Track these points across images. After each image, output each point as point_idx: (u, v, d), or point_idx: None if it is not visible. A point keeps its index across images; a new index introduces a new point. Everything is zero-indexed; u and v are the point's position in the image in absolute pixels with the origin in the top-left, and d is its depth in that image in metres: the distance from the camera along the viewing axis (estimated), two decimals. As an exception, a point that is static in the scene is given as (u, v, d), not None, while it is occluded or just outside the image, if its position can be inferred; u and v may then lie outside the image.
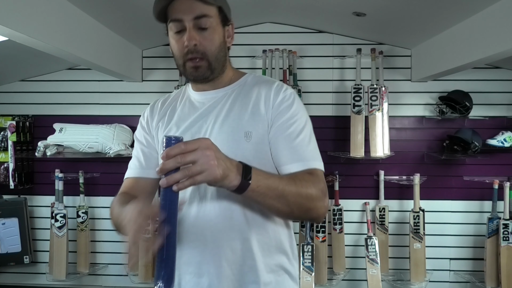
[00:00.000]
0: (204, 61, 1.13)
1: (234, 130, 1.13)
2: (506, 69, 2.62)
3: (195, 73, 1.13)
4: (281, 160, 1.12)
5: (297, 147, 1.11)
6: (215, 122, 1.16)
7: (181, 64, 1.15)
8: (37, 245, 2.75)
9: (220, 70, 1.18)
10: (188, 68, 1.14)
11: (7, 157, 2.63)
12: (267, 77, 1.31)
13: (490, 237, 2.44)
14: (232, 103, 1.18)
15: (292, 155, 1.10)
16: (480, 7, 1.88)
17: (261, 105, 1.15)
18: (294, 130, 1.12)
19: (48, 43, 1.68)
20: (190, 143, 0.86)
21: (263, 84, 1.20)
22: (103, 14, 2.07)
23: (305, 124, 1.15)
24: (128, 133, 2.61)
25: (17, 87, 2.78)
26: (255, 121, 1.13)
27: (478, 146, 2.44)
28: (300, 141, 1.12)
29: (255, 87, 1.20)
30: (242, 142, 1.12)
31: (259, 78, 1.26)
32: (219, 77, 1.19)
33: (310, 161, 1.11)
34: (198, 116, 1.20)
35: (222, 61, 1.18)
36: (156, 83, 2.74)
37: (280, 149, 1.11)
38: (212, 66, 1.14)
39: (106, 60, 2.24)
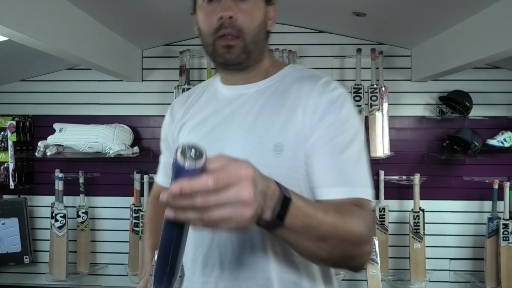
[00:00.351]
0: (240, 41, 0.91)
1: (262, 141, 0.90)
2: (506, 69, 2.62)
3: (227, 54, 0.92)
4: (318, 181, 0.87)
5: (341, 165, 0.86)
6: (239, 128, 0.93)
7: (210, 43, 0.93)
8: (37, 245, 2.75)
9: (257, 57, 0.96)
10: (218, 47, 0.92)
11: (7, 157, 2.63)
12: (313, 70, 1.01)
13: (490, 237, 2.44)
14: (264, 104, 0.95)
15: (334, 176, 0.85)
16: (480, 7, 1.88)
17: (299, 108, 0.90)
18: (340, 142, 0.87)
19: (48, 43, 1.68)
20: (221, 176, 0.57)
21: (306, 80, 0.95)
22: (103, 14, 2.07)
23: (355, 136, 0.89)
24: (128, 133, 2.61)
25: (17, 87, 2.78)
26: (289, 129, 0.89)
27: (478, 146, 2.44)
28: (347, 158, 0.86)
29: (295, 83, 0.95)
30: (270, 157, 0.88)
31: (303, 71, 1.00)
32: (253, 68, 0.97)
33: (358, 187, 0.85)
34: (221, 119, 0.98)
35: (261, 45, 0.96)
36: (156, 83, 2.74)
37: (319, 165, 0.87)
38: (248, 48, 0.92)
39: (106, 60, 2.24)
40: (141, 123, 2.73)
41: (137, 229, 2.53)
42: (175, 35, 2.58)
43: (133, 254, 2.56)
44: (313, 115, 0.89)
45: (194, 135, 1.01)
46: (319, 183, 0.87)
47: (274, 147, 0.89)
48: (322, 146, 0.87)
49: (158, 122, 2.73)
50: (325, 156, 0.87)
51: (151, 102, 2.72)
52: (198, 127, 1.01)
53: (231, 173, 0.58)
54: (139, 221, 2.52)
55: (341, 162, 0.86)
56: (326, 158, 0.87)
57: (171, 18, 2.27)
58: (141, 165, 2.65)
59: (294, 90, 0.94)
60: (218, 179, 0.57)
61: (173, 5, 2.06)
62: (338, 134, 0.87)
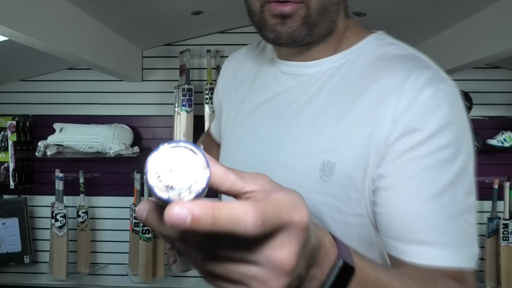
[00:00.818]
0: (302, 8, 0.61)
1: (307, 152, 0.64)
2: (506, 69, 2.62)
3: (280, 26, 0.63)
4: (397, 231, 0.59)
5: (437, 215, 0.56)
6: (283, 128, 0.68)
7: (257, 10, 0.65)
8: (37, 245, 2.75)
9: (326, 29, 0.66)
10: (267, 17, 0.63)
11: (7, 157, 2.63)
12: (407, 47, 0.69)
13: (490, 237, 2.44)
14: (324, 96, 0.66)
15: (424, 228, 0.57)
16: (480, 7, 1.88)
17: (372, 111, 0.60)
18: (438, 178, 0.57)
19: (48, 43, 1.68)
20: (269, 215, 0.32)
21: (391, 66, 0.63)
22: (103, 14, 2.07)
23: (463, 169, 0.59)
24: (128, 133, 2.61)
25: (17, 87, 2.78)
26: (349, 142, 0.61)
27: (478, 146, 2.44)
28: (446, 204, 0.57)
29: (373, 67, 0.65)
30: (313, 178, 0.62)
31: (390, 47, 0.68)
32: (318, 43, 0.69)
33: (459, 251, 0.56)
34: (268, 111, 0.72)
35: (332, 11, 0.65)
36: (156, 83, 2.74)
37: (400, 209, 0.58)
38: (312, 18, 0.62)
39: (106, 60, 2.24)
40: (141, 123, 2.73)
41: (137, 229, 2.53)
42: (175, 35, 2.58)
43: (133, 254, 2.56)
44: (392, 126, 0.58)
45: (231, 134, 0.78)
46: (398, 235, 0.58)
47: (322, 166, 0.62)
48: (407, 178, 0.58)
49: (158, 122, 2.73)
50: (411, 196, 0.57)
51: (151, 102, 2.72)
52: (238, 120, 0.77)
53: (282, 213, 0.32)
54: (139, 221, 2.52)
55: (438, 209, 0.56)
56: (413, 200, 0.57)
57: (171, 18, 2.27)
58: (141, 165, 2.65)
59: (369, 80, 0.63)
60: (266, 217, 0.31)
61: (173, 5, 2.06)
62: (436, 164, 0.57)
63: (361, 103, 0.62)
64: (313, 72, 0.70)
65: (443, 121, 0.58)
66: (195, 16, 2.24)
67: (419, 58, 0.64)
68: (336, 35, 0.70)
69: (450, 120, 0.59)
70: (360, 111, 0.61)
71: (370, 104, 0.61)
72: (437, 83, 0.60)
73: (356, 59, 0.68)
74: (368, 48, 0.69)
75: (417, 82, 0.59)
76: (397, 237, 0.59)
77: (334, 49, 0.70)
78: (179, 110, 2.47)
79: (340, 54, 0.69)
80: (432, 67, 0.63)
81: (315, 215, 0.58)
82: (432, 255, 0.56)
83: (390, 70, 0.62)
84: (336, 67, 0.68)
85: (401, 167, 0.58)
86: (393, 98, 0.59)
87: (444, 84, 0.60)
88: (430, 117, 0.57)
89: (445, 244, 0.56)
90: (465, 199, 0.59)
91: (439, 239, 0.56)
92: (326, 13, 0.64)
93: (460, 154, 0.59)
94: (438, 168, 0.57)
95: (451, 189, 0.57)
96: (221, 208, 0.29)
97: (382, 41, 0.69)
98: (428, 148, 0.57)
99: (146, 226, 2.46)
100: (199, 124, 2.48)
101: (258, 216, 0.30)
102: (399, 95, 0.59)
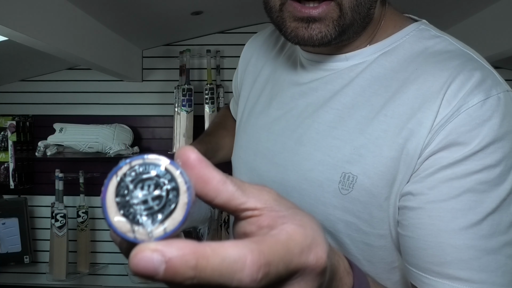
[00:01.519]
0: (334, 8, 0.51)
1: (326, 161, 0.55)
2: (506, 69, 2.62)
3: (305, 32, 0.52)
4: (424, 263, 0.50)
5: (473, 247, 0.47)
6: (300, 130, 0.58)
7: (276, 8, 0.54)
8: (37, 245, 2.76)
9: (360, 25, 0.56)
10: (287, 19, 0.54)
11: (7, 157, 2.63)
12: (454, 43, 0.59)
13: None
14: (351, 96, 0.56)
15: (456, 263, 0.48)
16: (480, 7, 1.88)
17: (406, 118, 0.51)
18: (477, 204, 0.48)
19: (48, 43, 1.68)
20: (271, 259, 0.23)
21: (431, 65, 0.53)
22: (103, 14, 2.07)
23: (508, 195, 0.48)
24: (128, 133, 2.61)
25: (17, 87, 2.78)
26: (373, 153, 0.52)
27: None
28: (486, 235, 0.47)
29: (411, 65, 0.54)
30: (330, 191, 0.52)
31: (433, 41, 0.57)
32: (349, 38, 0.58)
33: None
34: (286, 108, 0.63)
35: (367, 7, 0.54)
36: (156, 83, 2.74)
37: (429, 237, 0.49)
38: (346, 19, 0.52)
39: (106, 60, 2.24)
40: (141, 123, 2.73)
41: (137, 229, 2.53)
42: (175, 35, 2.58)
43: (133, 254, 2.56)
44: (429, 137, 0.49)
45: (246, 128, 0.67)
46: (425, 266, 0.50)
47: (341, 178, 0.53)
48: (442, 201, 0.48)
49: (158, 122, 2.73)
50: (445, 222, 0.48)
51: (151, 102, 2.73)
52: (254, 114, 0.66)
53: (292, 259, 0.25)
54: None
55: (475, 242, 0.47)
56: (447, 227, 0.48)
57: (171, 18, 2.27)
58: (141, 165, 2.65)
59: (405, 79, 0.52)
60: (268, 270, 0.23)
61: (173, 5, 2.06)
62: (478, 186, 0.47)
63: (394, 107, 0.52)
64: (341, 67, 0.59)
65: (492, 135, 0.47)
66: (195, 16, 2.24)
67: (470, 56, 0.53)
68: (371, 25, 0.58)
69: (500, 135, 0.47)
70: (392, 117, 0.51)
71: (405, 110, 0.51)
72: (489, 88, 0.49)
73: (392, 53, 0.57)
74: (406, 40, 0.57)
75: (465, 86, 0.49)
76: (424, 268, 0.50)
77: (368, 41, 0.59)
78: (179, 110, 2.47)
79: (374, 46, 0.58)
80: (485, 68, 0.52)
81: (330, 233, 0.50)
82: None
83: (431, 69, 0.52)
84: (367, 62, 0.57)
85: (436, 186, 0.48)
86: (433, 104, 0.49)
87: (497, 89, 0.49)
88: (476, 130, 0.47)
89: (482, 282, 0.47)
90: (510, 230, 0.48)
91: (474, 276, 0.47)
92: (362, 8, 0.53)
93: (508, 176, 0.48)
94: (481, 192, 0.47)
95: (494, 218, 0.47)
96: (208, 254, 0.22)
97: (425, 33, 0.58)
98: (470, 166, 0.47)
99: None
100: (199, 124, 2.48)
101: (259, 268, 0.22)
102: (440, 100, 0.49)
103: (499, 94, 0.49)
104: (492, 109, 0.48)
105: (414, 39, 0.57)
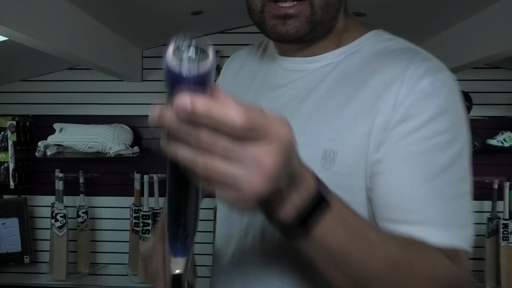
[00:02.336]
0: (305, 6, 0.63)
1: (309, 142, 0.63)
2: (506, 69, 2.62)
3: (282, 28, 0.64)
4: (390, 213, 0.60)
5: (432, 195, 0.58)
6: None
7: (258, 10, 0.66)
8: (37, 245, 2.76)
9: (328, 25, 0.68)
10: (267, 17, 0.65)
11: (7, 157, 2.63)
12: (406, 42, 0.71)
13: (490, 237, 2.44)
14: (325, 89, 0.67)
15: (418, 208, 0.58)
16: (480, 7, 1.88)
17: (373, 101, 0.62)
18: (434, 161, 0.58)
19: (48, 43, 1.68)
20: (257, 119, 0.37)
21: (390, 58, 0.65)
22: (103, 14, 2.07)
23: (459, 153, 0.61)
24: (128, 133, 2.61)
25: (17, 87, 2.78)
26: (351, 132, 0.62)
27: (478, 146, 2.44)
28: (442, 186, 0.59)
29: (374, 60, 0.66)
30: (315, 167, 0.54)
31: (389, 42, 0.70)
32: (319, 39, 0.70)
33: (453, 230, 0.60)
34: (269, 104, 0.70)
35: (335, 8, 0.67)
36: (156, 83, 2.74)
37: (395, 191, 0.59)
38: (316, 16, 0.64)
39: (106, 60, 2.24)
40: (141, 123, 2.73)
41: (137, 229, 2.53)
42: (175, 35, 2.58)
43: (133, 254, 2.56)
44: (392, 113, 0.60)
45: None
46: (392, 217, 0.59)
47: (323, 155, 0.61)
48: (403, 162, 0.59)
49: (158, 122, 2.73)
50: (406, 179, 0.58)
51: (151, 102, 2.70)
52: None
53: (268, 124, 0.38)
54: (139, 221, 2.52)
55: (433, 191, 0.58)
56: (408, 183, 0.58)
57: (171, 18, 2.27)
58: (141, 165, 2.65)
59: (370, 72, 0.64)
60: (253, 120, 0.36)
61: (173, 5, 2.06)
62: (431, 148, 0.58)
63: (363, 93, 0.63)
64: (314, 67, 0.70)
65: (440, 108, 0.60)
66: (195, 16, 2.25)
67: (418, 51, 0.67)
68: (337, 31, 0.71)
69: (447, 107, 0.61)
70: (362, 101, 0.63)
71: (372, 94, 0.62)
72: (436, 72, 0.62)
73: (357, 53, 0.69)
74: (368, 43, 0.70)
75: (417, 72, 0.61)
76: (391, 219, 0.59)
77: (335, 44, 0.71)
78: (179, 110, 2.47)
79: (341, 49, 0.70)
80: (431, 58, 0.66)
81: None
82: (425, 234, 0.57)
83: (390, 62, 0.64)
84: (337, 61, 0.69)
85: (397, 152, 0.59)
86: (394, 87, 0.61)
87: (442, 74, 0.63)
88: (428, 104, 0.60)
89: (439, 223, 0.58)
90: (460, 184, 0.63)
91: (432, 219, 0.58)
92: (331, 9, 0.65)
93: (456, 141, 0.61)
94: (434, 153, 0.59)
95: (446, 174, 0.59)
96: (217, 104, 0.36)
97: (382, 37, 0.71)
98: (424, 133, 0.59)
99: (146, 226, 2.47)
100: (199, 124, 2.47)
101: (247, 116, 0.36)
102: (400, 84, 0.61)
103: (445, 77, 0.63)
104: (439, 88, 0.61)
105: (374, 42, 0.70)
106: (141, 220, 2.50)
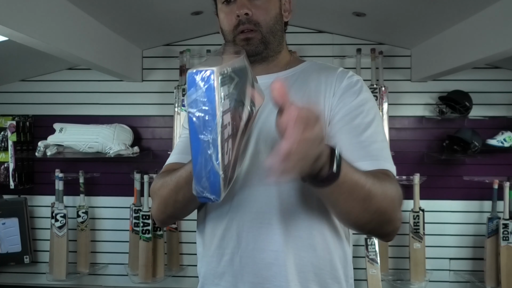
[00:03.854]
0: (257, 33, 0.99)
1: None
2: (506, 69, 2.62)
3: (247, 46, 0.99)
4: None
5: (365, 143, 0.90)
6: (259, 115, 0.94)
7: (231, 39, 1.01)
8: (37, 245, 2.75)
9: (276, 47, 1.04)
10: (239, 42, 1.00)
11: (7, 157, 2.63)
12: (330, 64, 1.14)
13: (490, 237, 2.44)
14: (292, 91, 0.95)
15: (359, 151, 0.89)
16: (480, 7, 1.88)
17: (320, 95, 0.97)
18: (361, 123, 0.92)
19: (48, 43, 1.68)
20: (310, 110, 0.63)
21: (324, 71, 1.02)
22: (103, 14, 2.07)
23: (374, 117, 0.94)
24: (128, 133, 2.61)
25: (17, 87, 2.78)
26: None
27: (478, 146, 2.44)
28: (369, 136, 0.91)
29: (314, 74, 1.02)
30: None
31: (321, 65, 1.08)
32: (273, 58, 1.05)
33: (382, 161, 0.90)
34: None
35: (278, 36, 1.04)
36: (156, 83, 2.74)
37: (344, 144, 0.88)
38: (266, 39, 1.00)
39: (106, 60, 2.24)
40: (141, 123, 2.73)
41: (137, 229, 2.53)
42: (175, 35, 2.58)
43: (133, 254, 2.56)
44: (333, 99, 0.96)
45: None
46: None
47: None
48: (344, 126, 0.92)
49: (158, 122, 2.73)
50: (348, 135, 0.91)
51: (151, 102, 2.72)
52: None
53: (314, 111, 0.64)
54: (139, 221, 2.52)
55: (365, 140, 0.90)
56: (349, 137, 0.91)
57: (171, 18, 2.27)
58: (141, 165, 2.65)
59: (314, 79, 1.00)
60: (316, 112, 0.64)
61: (173, 6, 2.06)
62: (358, 115, 0.93)
63: (311, 91, 0.98)
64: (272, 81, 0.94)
65: (360, 92, 0.97)
66: (195, 16, 2.25)
67: (338, 67, 1.05)
68: (284, 57, 1.08)
69: (364, 92, 0.98)
70: (316, 92, 0.98)
71: (320, 88, 0.99)
72: (353, 74, 1.02)
73: (302, 72, 1.05)
74: (307, 66, 1.07)
75: (344, 73, 1.01)
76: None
77: (285, 66, 1.07)
78: (179, 110, 2.47)
79: (290, 69, 1.06)
80: (346, 69, 1.03)
81: None
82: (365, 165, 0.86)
83: (324, 73, 1.02)
84: (289, 76, 1.04)
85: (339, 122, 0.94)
86: (332, 83, 0.99)
87: (355, 75, 1.02)
88: (352, 90, 0.97)
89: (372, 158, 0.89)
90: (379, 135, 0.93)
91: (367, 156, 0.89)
92: (274, 35, 1.03)
93: (372, 110, 0.96)
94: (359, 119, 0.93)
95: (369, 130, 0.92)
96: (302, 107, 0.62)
97: (316, 63, 1.09)
98: (353, 108, 0.94)
99: (146, 226, 2.47)
100: (199, 124, 2.47)
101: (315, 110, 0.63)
102: (335, 81, 0.99)
103: (360, 78, 1.01)
104: (360, 83, 0.99)
105: (312, 64, 1.08)
106: (141, 220, 2.50)
